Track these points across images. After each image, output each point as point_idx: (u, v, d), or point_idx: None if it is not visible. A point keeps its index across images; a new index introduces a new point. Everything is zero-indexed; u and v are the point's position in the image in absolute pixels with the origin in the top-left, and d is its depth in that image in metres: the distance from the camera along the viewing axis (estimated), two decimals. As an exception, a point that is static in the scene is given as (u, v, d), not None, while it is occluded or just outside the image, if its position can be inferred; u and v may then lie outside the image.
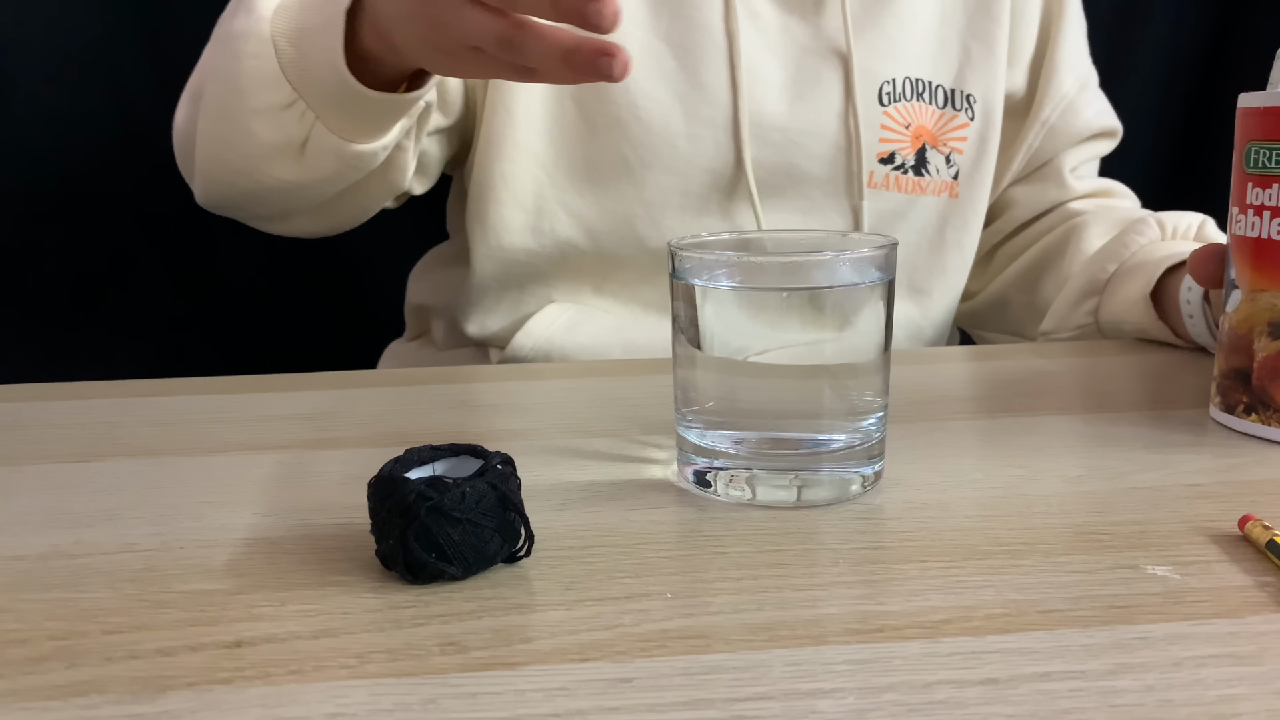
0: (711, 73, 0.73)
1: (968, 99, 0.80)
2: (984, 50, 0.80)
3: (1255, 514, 0.39)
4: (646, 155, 0.73)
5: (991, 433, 0.53)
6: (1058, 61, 0.83)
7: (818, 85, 0.76)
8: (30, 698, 0.30)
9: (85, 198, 1.00)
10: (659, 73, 0.73)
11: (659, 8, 0.73)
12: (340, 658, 0.32)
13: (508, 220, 0.75)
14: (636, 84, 0.72)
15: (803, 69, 0.76)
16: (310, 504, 0.44)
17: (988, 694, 0.29)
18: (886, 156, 0.78)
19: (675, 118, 0.73)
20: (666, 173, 0.74)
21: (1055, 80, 0.83)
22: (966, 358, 0.70)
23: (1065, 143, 0.85)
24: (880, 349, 0.43)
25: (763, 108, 0.75)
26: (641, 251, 0.77)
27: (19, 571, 0.38)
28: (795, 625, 0.33)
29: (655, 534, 0.41)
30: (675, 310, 0.45)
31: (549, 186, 0.75)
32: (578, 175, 0.75)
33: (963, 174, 0.81)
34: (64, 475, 0.48)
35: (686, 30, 0.73)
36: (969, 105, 0.80)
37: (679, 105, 0.73)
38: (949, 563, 0.38)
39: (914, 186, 0.79)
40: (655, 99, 0.73)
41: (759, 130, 0.74)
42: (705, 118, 0.73)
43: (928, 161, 0.79)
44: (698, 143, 0.74)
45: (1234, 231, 0.51)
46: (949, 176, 0.81)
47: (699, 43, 0.73)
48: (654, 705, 0.29)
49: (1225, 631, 0.33)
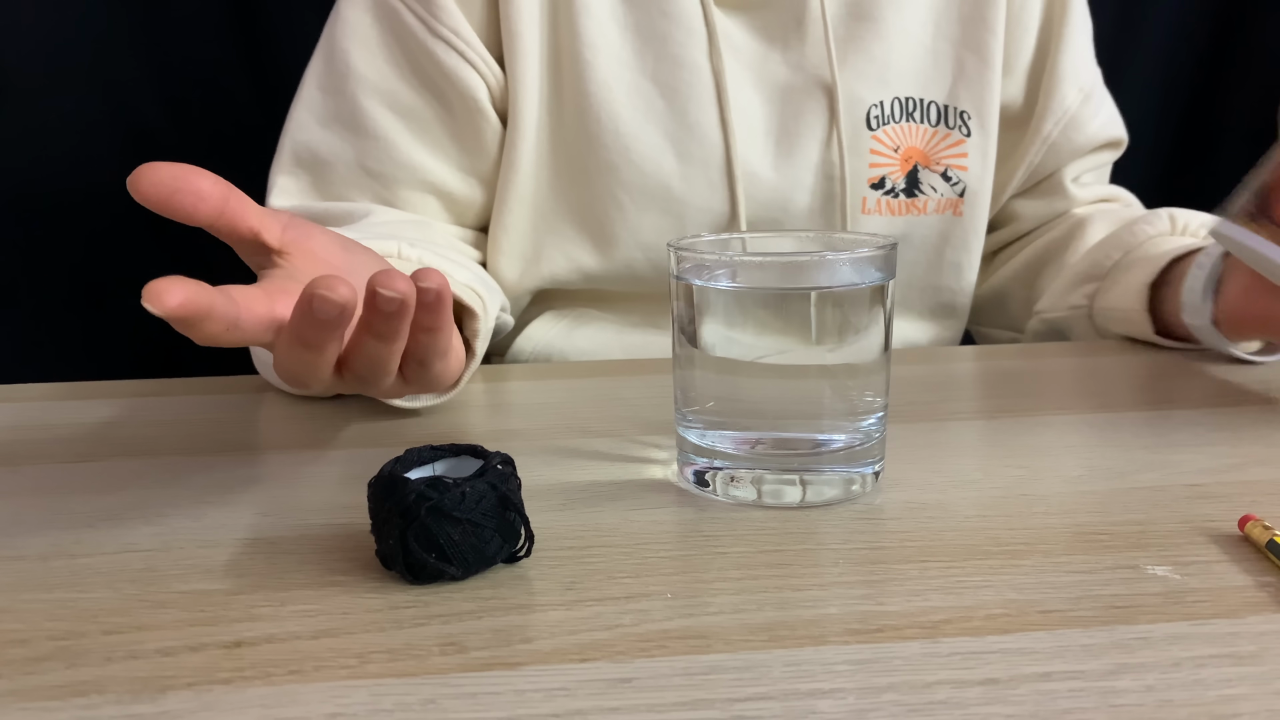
0: (701, 111, 0.72)
1: (961, 116, 0.78)
2: (978, 62, 0.78)
3: (1255, 514, 0.39)
4: (641, 198, 0.73)
5: (991, 433, 0.53)
6: (1060, 72, 0.80)
7: (801, 120, 0.75)
8: (30, 698, 0.30)
9: (85, 198, 1.00)
10: (648, 114, 0.72)
11: (644, 48, 0.72)
12: (340, 658, 0.32)
13: (505, 269, 0.75)
14: (627, 126, 0.71)
15: (787, 104, 0.75)
16: (310, 504, 0.44)
17: (988, 694, 0.29)
18: (877, 182, 0.77)
19: (667, 159, 0.72)
20: (661, 214, 0.73)
21: (1057, 94, 0.80)
22: (966, 358, 0.70)
23: (1068, 157, 0.83)
24: (880, 349, 0.43)
25: (750, 149, 0.74)
26: (639, 286, 0.76)
27: (19, 571, 0.38)
28: (795, 625, 0.33)
29: (655, 534, 0.41)
30: (675, 310, 0.45)
31: (547, 234, 0.75)
32: (575, 220, 0.75)
33: (969, 191, 0.79)
34: (64, 475, 0.48)
35: (673, 70, 0.72)
36: (963, 122, 0.78)
37: (670, 146, 0.72)
38: (949, 563, 0.38)
39: (907, 209, 0.78)
40: (646, 141, 0.72)
41: (747, 168, 0.74)
42: (697, 158, 0.73)
43: (920, 182, 0.78)
44: (691, 182, 0.73)
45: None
46: (953, 194, 0.79)
47: (687, 81, 0.72)
48: (654, 705, 0.29)
49: (1225, 631, 0.33)
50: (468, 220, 0.76)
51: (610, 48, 0.71)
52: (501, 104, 0.72)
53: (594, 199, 0.73)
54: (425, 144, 0.71)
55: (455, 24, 0.69)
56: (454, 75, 0.70)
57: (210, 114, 1.02)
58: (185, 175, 0.37)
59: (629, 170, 0.72)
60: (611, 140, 0.71)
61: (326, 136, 0.71)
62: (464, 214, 0.75)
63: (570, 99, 0.72)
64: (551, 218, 0.75)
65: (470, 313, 0.58)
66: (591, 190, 0.73)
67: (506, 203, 0.73)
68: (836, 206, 0.76)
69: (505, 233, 0.74)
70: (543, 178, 0.74)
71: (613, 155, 0.72)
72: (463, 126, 0.72)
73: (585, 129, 0.72)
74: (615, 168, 0.72)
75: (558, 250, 0.75)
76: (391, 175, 0.71)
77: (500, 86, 0.71)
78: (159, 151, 1.01)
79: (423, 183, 0.72)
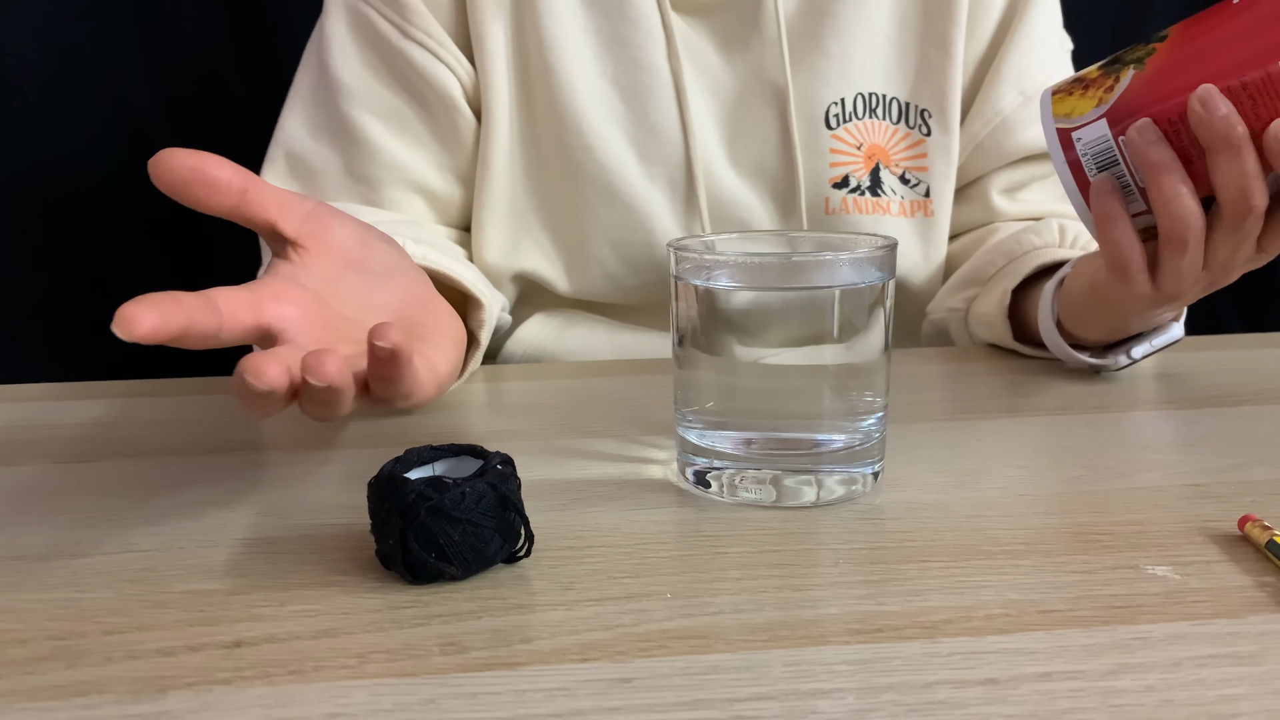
0: (661, 113, 0.73)
1: (922, 114, 0.76)
2: (941, 55, 0.76)
3: (1255, 514, 0.39)
4: (606, 197, 0.73)
5: (991, 433, 0.53)
6: (1003, 71, 0.77)
7: (752, 123, 0.74)
8: (30, 698, 0.30)
9: (85, 198, 1.00)
10: (610, 116, 0.73)
11: (604, 51, 0.73)
12: (340, 658, 0.32)
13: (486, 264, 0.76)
14: (591, 126, 0.72)
15: (740, 107, 0.75)
16: (310, 504, 0.44)
17: (988, 694, 0.29)
18: (840, 180, 0.76)
19: (630, 159, 0.73)
20: (627, 212, 0.74)
21: (994, 92, 0.77)
22: (966, 358, 0.70)
23: (995, 161, 0.79)
24: (880, 349, 0.43)
25: (709, 151, 0.74)
26: (617, 291, 0.77)
27: (19, 571, 0.38)
28: (795, 625, 0.33)
29: (655, 534, 0.41)
30: (675, 310, 0.45)
31: (522, 230, 0.76)
32: (547, 217, 0.75)
33: (934, 190, 0.77)
34: (64, 475, 0.48)
35: (634, 72, 0.73)
36: (923, 120, 0.76)
37: (631, 147, 0.73)
38: (949, 563, 0.38)
39: (873, 207, 0.76)
40: (609, 141, 0.73)
41: (708, 169, 0.74)
42: (659, 158, 0.73)
43: (882, 182, 0.77)
44: (654, 183, 0.74)
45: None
46: (918, 195, 0.77)
47: (646, 84, 0.73)
48: (654, 705, 0.29)
49: (1225, 631, 0.33)
50: (452, 218, 0.77)
51: (573, 50, 0.72)
52: (475, 100, 0.73)
53: (565, 197, 0.74)
54: (407, 143, 0.72)
55: (426, 25, 0.71)
56: (428, 74, 0.71)
57: (210, 113, 1.02)
58: (204, 165, 0.37)
59: (594, 169, 0.73)
60: (576, 140, 0.72)
61: (315, 147, 0.72)
62: (448, 212, 0.76)
63: (539, 99, 0.73)
64: (526, 214, 0.75)
65: (475, 302, 0.58)
66: (562, 188, 0.74)
67: (483, 199, 0.74)
68: (794, 207, 0.75)
69: (483, 229, 0.75)
70: (517, 175, 0.75)
71: (578, 155, 0.73)
72: (441, 124, 0.73)
73: (553, 129, 0.73)
74: (581, 167, 0.73)
75: (534, 245, 0.76)
76: (377, 177, 0.72)
77: (473, 83, 0.73)
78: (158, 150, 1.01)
79: (407, 182, 0.73)
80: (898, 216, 0.77)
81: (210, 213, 0.38)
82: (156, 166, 0.37)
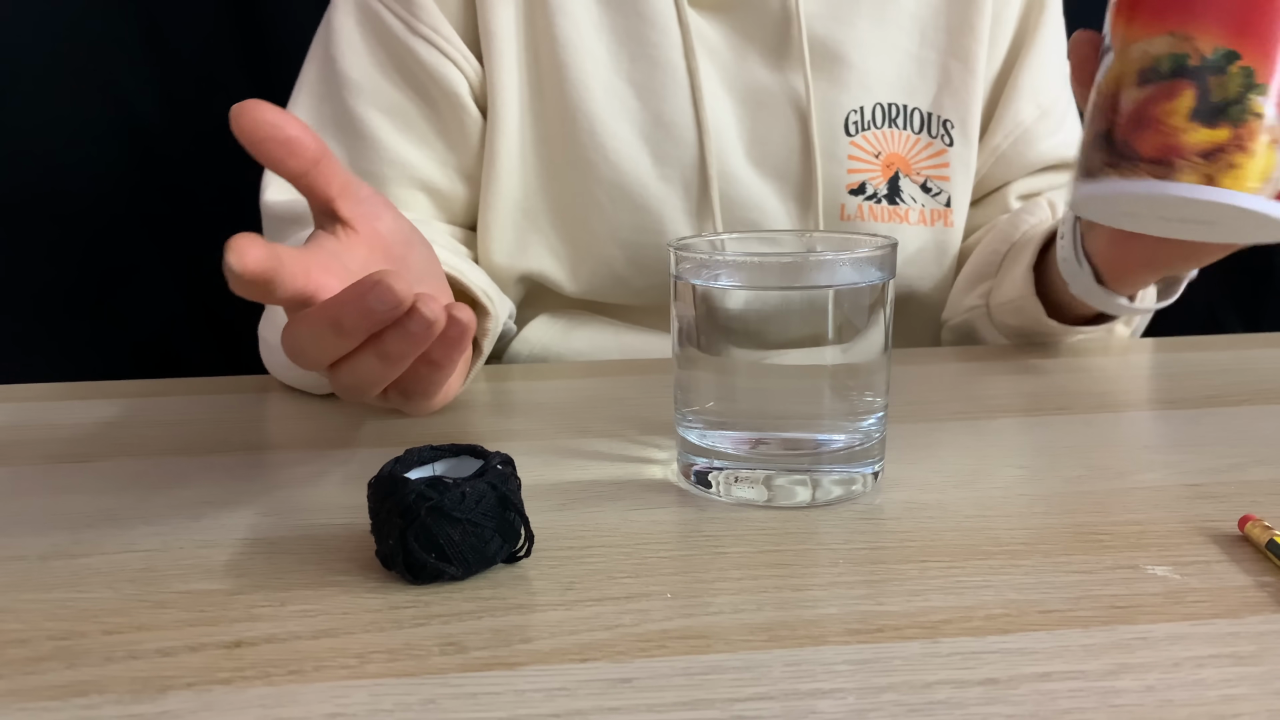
0: (676, 111, 0.72)
1: (945, 124, 0.77)
2: (964, 70, 0.77)
3: (1255, 514, 0.39)
4: (617, 197, 0.73)
5: (991, 433, 0.53)
6: (1020, 85, 0.79)
7: (773, 125, 0.74)
8: (30, 698, 0.30)
9: (85, 198, 1.00)
10: (624, 114, 0.72)
11: (619, 48, 0.72)
12: (340, 658, 0.32)
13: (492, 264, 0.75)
14: (603, 124, 0.72)
15: (760, 107, 0.74)
16: (310, 504, 0.44)
17: (988, 694, 0.29)
18: (857, 188, 0.76)
19: (643, 158, 0.73)
20: (638, 212, 0.73)
21: (1013, 106, 0.79)
22: (966, 358, 0.70)
23: (1017, 172, 0.81)
24: (880, 349, 0.43)
25: (724, 151, 0.74)
26: (624, 292, 0.76)
27: (19, 571, 0.38)
28: (795, 625, 0.33)
29: (655, 534, 0.41)
30: (675, 310, 0.45)
31: (530, 229, 0.75)
32: (556, 216, 0.75)
33: (954, 200, 0.78)
34: (64, 475, 0.48)
35: (649, 69, 0.72)
36: (945, 131, 0.77)
37: (645, 145, 0.73)
38: (949, 563, 0.38)
39: (891, 215, 0.77)
40: (622, 139, 0.72)
41: (723, 169, 0.74)
42: (673, 157, 0.73)
43: (901, 190, 0.77)
44: (667, 182, 0.73)
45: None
46: (939, 204, 0.78)
47: (662, 82, 0.72)
48: (654, 705, 0.29)
49: (1225, 631, 0.33)
50: (456, 217, 0.77)
51: (586, 47, 0.71)
52: (482, 98, 0.73)
53: (574, 195, 0.74)
54: (412, 140, 0.72)
55: (434, 22, 0.71)
56: (435, 71, 0.71)
57: (210, 113, 1.02)
58: (284, 125, 0.37)
59: (605, 168, 0.72)
60: (587, 139, 0.72)
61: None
62: (452, 210, 0.76)
63: (550, 97, 0.72)
64: (534, 213, 0.75)
65: (482, 310, 0.58)
66: (571, 187, 0.74)
67: (490, 199, 0.74)
68: (811, 211, 0.75)
69: (490, 229, 0.75)
70: (527, 173, 0.74)
71: (589, 153, 0.72)
72: (447, 121, 0.73)
73: (564, 127, 0.72)
74: (592, 165, 0.72)
75: (542, 246, 0.76)
76: (382, 174, 0.71)
77: (480, 81, 0.72)
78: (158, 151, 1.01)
79: (411, 179, 0.72)
80: (916, 225, 0.78)
81: (280, 173, 0.38)
82: (240, 116, 0.37)
